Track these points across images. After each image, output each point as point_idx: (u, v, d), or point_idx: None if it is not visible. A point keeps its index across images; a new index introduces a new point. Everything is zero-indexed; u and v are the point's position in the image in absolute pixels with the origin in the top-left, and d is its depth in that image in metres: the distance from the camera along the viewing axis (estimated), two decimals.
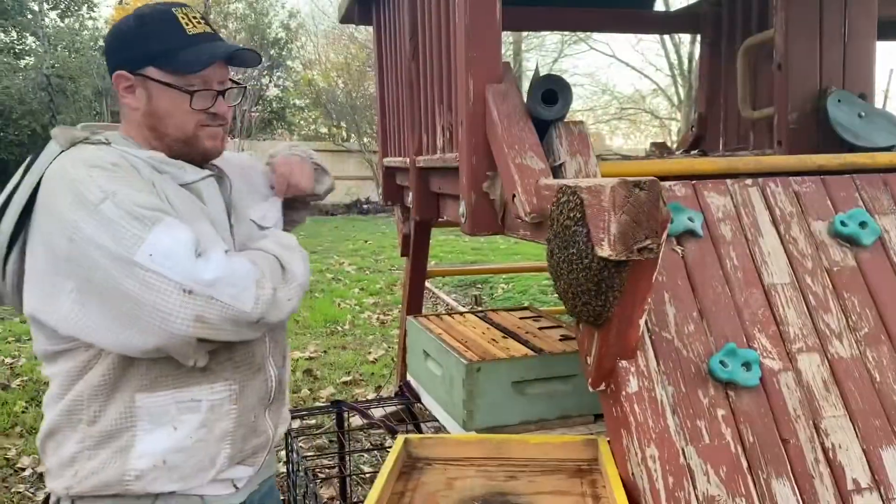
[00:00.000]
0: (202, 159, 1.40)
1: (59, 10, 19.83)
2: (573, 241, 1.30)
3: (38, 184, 1.25)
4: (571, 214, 1.30)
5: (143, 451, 1.29)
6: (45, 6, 19.31)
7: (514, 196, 1.58)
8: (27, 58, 17.40)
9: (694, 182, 1.70)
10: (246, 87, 1.43)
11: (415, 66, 2.36)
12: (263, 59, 1.44)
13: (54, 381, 1.33)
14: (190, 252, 1.20)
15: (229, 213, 1.42)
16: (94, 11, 20.66)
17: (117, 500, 1.30)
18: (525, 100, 1.70)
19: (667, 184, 1.68)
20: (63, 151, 1.27)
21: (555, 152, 1.65)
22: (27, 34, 17.54)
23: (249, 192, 1.54)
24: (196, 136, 1.36)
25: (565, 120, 1.70)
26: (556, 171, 1.63)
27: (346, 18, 3.37)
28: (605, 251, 1.21)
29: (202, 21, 1.37)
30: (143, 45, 1.32)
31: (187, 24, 1.33)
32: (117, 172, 1.24)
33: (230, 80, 1.41)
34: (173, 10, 1.34)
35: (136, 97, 1.34)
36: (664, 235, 1.23)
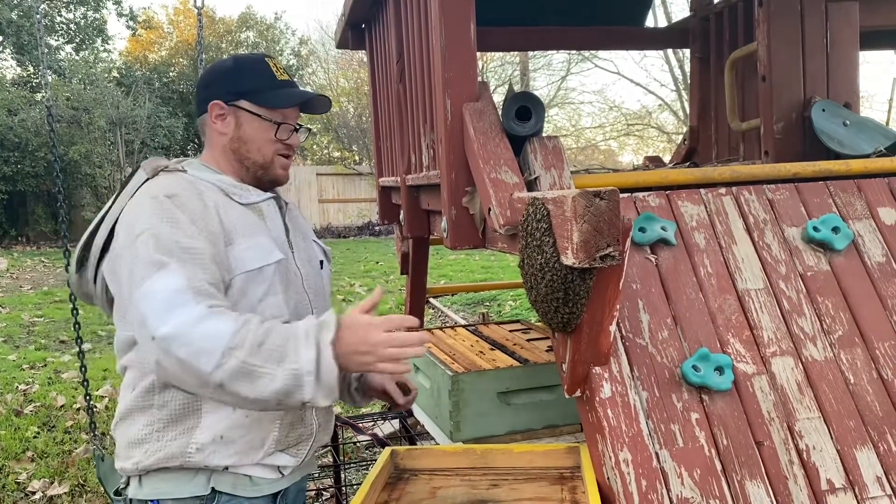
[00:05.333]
0: (271, 184, 1.60)
1: (74, 44, 20.26)
2: (541, 250, 1.34)
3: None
4: (539, 225, 1.35)
5: (205, 427, 1.43)
6: (61, 40, 19.74)
7: (489, 209, 1.62)
8: (43, 91, 17.74)
9: (668, 192, 1.73)
10: (311, 129, 1.65)
11: (402, 88, 2.42)
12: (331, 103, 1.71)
13: (129, 370, 1.49)
14: (169, 301, 1.29)
15: (288, 231, 1.59)
16: (107, 44, 21.10)
17: (179, 472, 1.45)
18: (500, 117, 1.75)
19: (641, 194, 1.72)
20: (148, 179, 1.49)
21: (530, 166, 1.70)
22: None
23: (302, 225, 1.72)
24: (272, 163, 1.57)
25: (541, 135, 1.75)
26: (532, 184, 1.68)
27: (341, 44, 3.45)
28: (569, 259, 1.25)
29: (286, 73, 1.63)
30: (238, 82, 1.56)
31: (277, 71, 1.58)
32: (170, 203, 1.41)
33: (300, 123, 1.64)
34: (265, 58, 1.61)
35: (225, 124, 1.55)
36: (626, 243, 1.27)
